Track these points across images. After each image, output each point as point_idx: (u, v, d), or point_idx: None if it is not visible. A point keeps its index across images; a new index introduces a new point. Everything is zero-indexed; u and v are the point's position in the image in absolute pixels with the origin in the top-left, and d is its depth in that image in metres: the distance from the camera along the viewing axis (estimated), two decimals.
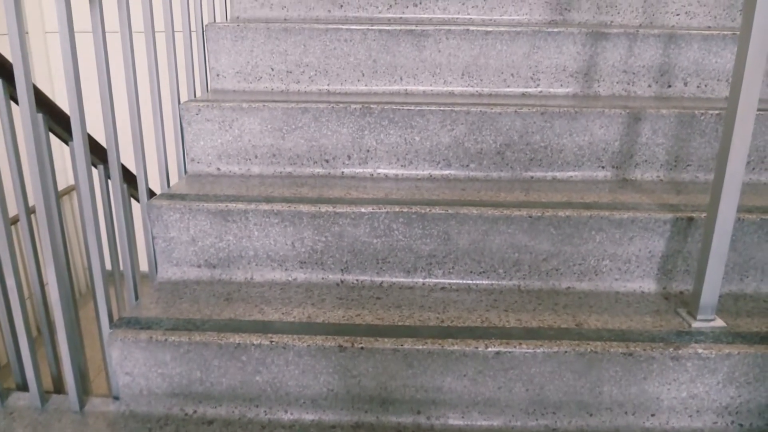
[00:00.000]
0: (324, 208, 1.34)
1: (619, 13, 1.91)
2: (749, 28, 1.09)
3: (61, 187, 4.04)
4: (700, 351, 1.14)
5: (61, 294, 1.18)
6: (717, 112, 1.52)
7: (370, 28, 1.68)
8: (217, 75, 1.74)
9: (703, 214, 1.33)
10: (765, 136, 1.54)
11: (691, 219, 1.33)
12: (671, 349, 1.14)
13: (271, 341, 1.15)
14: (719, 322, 1.22)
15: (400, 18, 1.91)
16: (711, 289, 1.21)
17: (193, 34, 1.64)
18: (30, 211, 1.32)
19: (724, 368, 1.15)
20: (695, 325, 1.22)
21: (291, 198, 1.39)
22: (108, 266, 1.38)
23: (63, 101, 1.25)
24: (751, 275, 1.37)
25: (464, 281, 1.38)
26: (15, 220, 3.10)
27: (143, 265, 1.49)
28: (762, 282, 1.37)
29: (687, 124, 1.53)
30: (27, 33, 4.13)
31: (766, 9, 1.08)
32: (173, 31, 1.49)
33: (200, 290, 1.35)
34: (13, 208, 1.27)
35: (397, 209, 1.33)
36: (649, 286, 1.37)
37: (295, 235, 1.36)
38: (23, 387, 1.28)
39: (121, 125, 1.30)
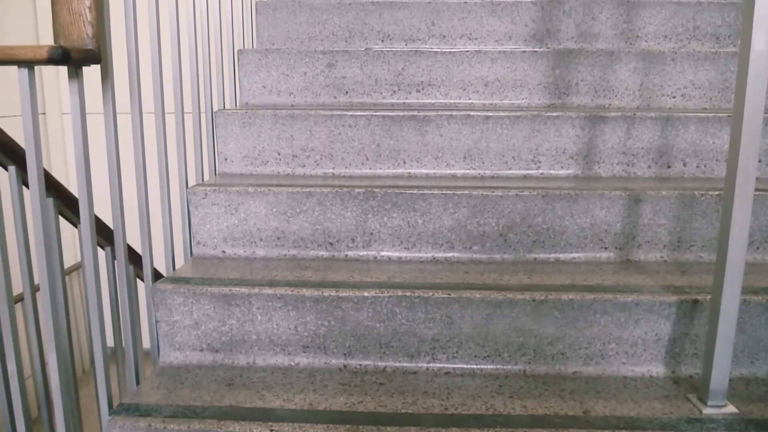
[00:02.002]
0: (327, 293, 1.34)
1: (616, 96, 1.97)
2: (741, 111, 1.12)
3: (69, 263, 4.07)
4: None
5: (61, 379, 1.18)
6: (717, 192, 1.54)
7: (374, 114, 1.73)
8: (225, 159, 1.79)
9: (709, 296, 1.32)
10: (766, 216, 1.55)
11: (696, 301, 1.32)
12: None
13: (272, 430, 1.13)
14: (731, 408, 1.19)
15: (404, 103, 1.98)
16: (720, 374, 1.18)
17: (203, 120, 1.69)
18: (36, 289, 1.33)
19: None
20: (706, 411, 1.18)
21: (294, 282, 1.40)
22: (110, 343, 1.38)
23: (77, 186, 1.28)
24: (762, 358, 1.35)
25: (468, 366, 1.36)
26: (19, 299, 3.12)
27: (146, 343, 1.48)
28: None
29: (688, 205, 1.54)
30: (44, 114, 4.27)
31: (757, 91, 1.11)
32: (183, 116, 1.54)
33: (202, 375, 1.34)
34: (18, 287, 1.28)
35: (400, 293, 1.34)
36: (658, 370, 1.35)
37: (298, 319, 1.36)
38: None
39: (128, 206, 1.33)
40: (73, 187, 1.60)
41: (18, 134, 1.26)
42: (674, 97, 1.97)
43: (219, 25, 1.80)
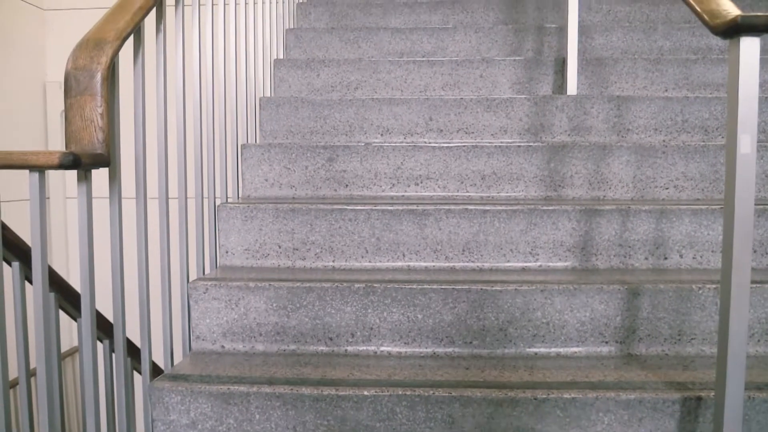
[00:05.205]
0: (326, 391, 1.33)
1: (610, 188, 2.01)
2: (732, 211, 1.15)
3: (66, 347, 4.01)
4: None
5: None
6: (714, 286, 1.55)
7: (374, 208, 1.76)
8: (227, 252, 1.81)
9: (712, 393, 1.31)
10: (766, 308, 1.55)
11: (700, 398, 1.31)
12: None
13: None
14: None
15: (403, 196, 2.02)
16: None
17: (206, 214, 1.72)
18: (30, 374, 1.32)
19: None
20: None
21: (293, 379, 1.39)
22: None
23: (77, 271, 1.29)
24: None
25: None
26: (14, 384, 3.06)
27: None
28: None
29: (686, 299, 1.55)
30: (48, 198, 4.33)
31: (745, 190, 1.14)
32: (186, 210, 1.57)
33: None
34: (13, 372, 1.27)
35: (400, 392, 1.32)
36: None
37: (296, 418, 1.34)
38: None
39: (128, 301, 1.34)
40: (73, 273, 1.61)
41: (21, 219, 1.29)
42: (667, 189, 2.01)
43: (224, 121, 1.86)
